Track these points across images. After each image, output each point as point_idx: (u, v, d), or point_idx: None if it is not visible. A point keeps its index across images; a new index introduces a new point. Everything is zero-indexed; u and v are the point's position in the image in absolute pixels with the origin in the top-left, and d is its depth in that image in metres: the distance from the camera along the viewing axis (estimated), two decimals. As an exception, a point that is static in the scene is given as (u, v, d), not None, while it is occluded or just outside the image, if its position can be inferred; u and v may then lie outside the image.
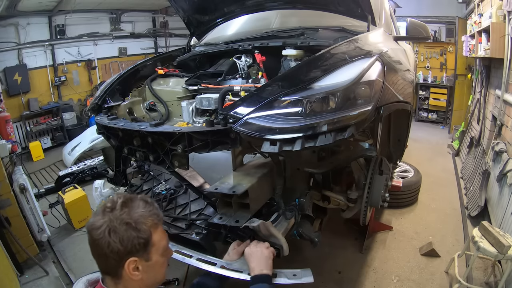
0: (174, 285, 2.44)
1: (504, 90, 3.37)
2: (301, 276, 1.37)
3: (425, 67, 7.28)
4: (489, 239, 2.09)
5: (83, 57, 7.05)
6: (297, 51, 2.06)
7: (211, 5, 2.69)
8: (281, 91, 1.40)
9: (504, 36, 3.36)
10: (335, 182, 1.90)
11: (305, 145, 1.28)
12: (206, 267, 1.43)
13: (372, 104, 1.39)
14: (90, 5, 6.73)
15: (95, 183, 2.46)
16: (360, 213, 1.88)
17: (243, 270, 1.35)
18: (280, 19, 2.89)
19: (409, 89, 1.99)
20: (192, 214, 1.84)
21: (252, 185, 1.51)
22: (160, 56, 2.80)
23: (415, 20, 2.43)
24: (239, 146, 1.49)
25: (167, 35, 8.67)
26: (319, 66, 1.51)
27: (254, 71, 2.12)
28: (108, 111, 2.16)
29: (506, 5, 3.24)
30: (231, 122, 1.40)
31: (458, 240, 2.96)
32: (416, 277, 2.50)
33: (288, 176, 1.72)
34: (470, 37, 5.02)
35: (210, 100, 2.01)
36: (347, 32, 2.19)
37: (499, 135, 3.46)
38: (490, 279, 2.39)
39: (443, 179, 4.29)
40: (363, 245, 2.81)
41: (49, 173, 5.12)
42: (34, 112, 6.12)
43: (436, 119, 7.24)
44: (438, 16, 6.79)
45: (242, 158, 1.77)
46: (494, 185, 3.10)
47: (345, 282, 2.46)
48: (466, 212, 3.40)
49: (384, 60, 1.64)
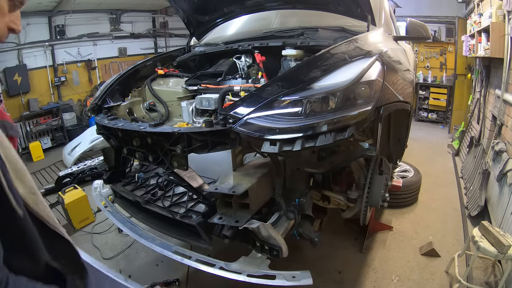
0: (175, 286, 2.43)
1: (504, 89, 3.37)
2: (300, 278, 1.37)
3: (425, 67, 7.28)
4: (489, 239, 2.09)
5: (83, 58, 7.05)
6: (297, 51, 2.05)
7: (211, 5, 2.68)
8: (281, 91, 1.40)
9: (503, 35, 3.36)
10: (335, 182, 1.90)
11: (305, 145, 1.28)
12: (205, 268, 1.43)
13: (372, 104, 1.39)
14: (90, 5, 6.73)
15: (94, 183, 2.46)
16: (360, 213, 1.88)
17: (242, 271, 1.35)
18: (280, 19, 2.89)
19: (409, 89, 1.99)
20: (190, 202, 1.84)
21: (252, 185, 1.51)
22: (160, 56, 2.80)
23: (415, 20, 2.43)
24: (238, 146, 1.49)
25: (167, 35, 8.67)
26: (319, 66, 1.51)
27: (254, 71, 2.12)
28: (108, 111, 2.15)
29: (506, 5, 3.24)
30: (231, 122, 1.40)
31: (458, 240, 2.96)
32: (416, 277, 2.50)
33: (288, 176, 1.72)
34: (470, 37, 5.02)
35: (210, 100, 2.01)
36: (347, 32, 2.19)
37: (499, 135, 3.45)
38: (490, 278, 2.38)
39: (443, 179, 4.29)
40: (363, 245, 2.81)
41: (49, 174, 5.12)
42: (34, 113, 6.11)
43: (436, 119, 7.24)
44: (438, 16, 6.78)
45: (242, 158, 1.77)
46: (494, 185, 3.10)
47: (345, 282, 2.46)
48: (466, 212, 3.39)
49: (384, 60, 1.64)
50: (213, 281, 2.30)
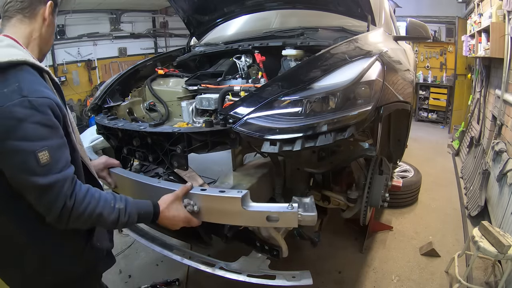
0: (175, 286, 2.43)
1: (504, 89, 3.37)
2: (300, 278, 1.37)
3: (425, 67, 7.28)
4: (489, 239, 2.09)
5: (83, 57, 7.05)
6: (297, 51, 2.05)
7: (211, 5, 2.68)
8: (281, 91, 1.40)
9: (504, 36, 3.36)
10: (335, 182, 1.90)
11: (305, 145, 1.28)
12: (205, 267, 1.43)
13: (372, 104, 1.39)
14: (90, 5, 6.73)
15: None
16: (360, 213, 1.88)
17: (242, 271, 1.35)
18: (280, 19, 2.89)
19: (409, 89, 1.99)
20: None
21: (252, 185, 1.51)
22: (160, 56, 2.80)
23: (415, 20, 2.43)
24: (238, 146, 1.49)
25: (167, 35, 8.66)
26: (319, 66, 1.51)
27: (254, 71, 2.12)
28: (108, 111, 2.15)
29: (506, 5, 3.24)
30: (231, 122, 1.40)
31: (458, 240, 2.96)
32: (416, 277, 2.50)
33: (288, 176, 1.72)
34: (470, 37, 5.02)
35: (210, 100, 2.01)
36: (347, 32, 2.19)
37: (499, 135, 3.46)
38: (490, 279, 2.39)
39: (443, 179, 4.29)
40: (363, 245, 2.81)
41: (49, 174, 5.12)
42: (34, 112, 6.11)
43: (436, 119, 7.24)
44: (438, 16, 6.78)
45: (242, 158, 1.77)
46: (494, 185, 3.10)
47: (345, 282, 2.46)
48: (466, 212, 3.40)
49: (384, 60, 1.64)
50: (213, 281, 2.30)
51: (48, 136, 0.88)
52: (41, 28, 1.04)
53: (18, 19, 1.00)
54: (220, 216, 1.27)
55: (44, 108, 0.87)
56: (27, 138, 0.85)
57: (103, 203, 0.98)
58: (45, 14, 1.04)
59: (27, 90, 0.86)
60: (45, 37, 1.07)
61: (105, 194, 1.02)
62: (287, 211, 1.22)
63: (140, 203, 1.12)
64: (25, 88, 0.86)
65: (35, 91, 0.87)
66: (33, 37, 1.03)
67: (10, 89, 0.84)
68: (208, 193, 1.28)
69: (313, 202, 1.31)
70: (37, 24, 1.03)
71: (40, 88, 0.90)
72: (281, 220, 1.22)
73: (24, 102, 0.84)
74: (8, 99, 0.83)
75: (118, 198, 1.05)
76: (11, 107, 0.83)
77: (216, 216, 1.28)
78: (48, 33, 1.08)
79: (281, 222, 1.24)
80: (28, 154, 0.85)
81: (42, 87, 0.90)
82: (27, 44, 1.02)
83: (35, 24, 1.03)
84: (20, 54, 0.91)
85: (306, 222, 1.26)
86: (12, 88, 0.85)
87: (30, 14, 1.01)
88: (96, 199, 0.97)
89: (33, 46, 1.04)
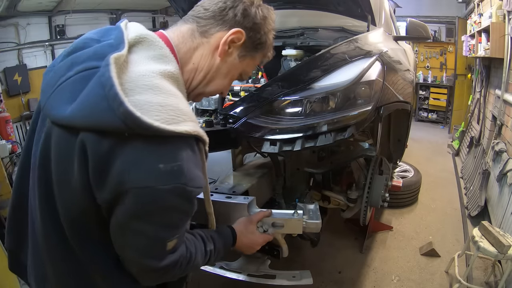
0: (174, 285, 2.43)
1: (504, 90, 3.37)
2: (300, 277, 1.37)
3: (425, 67, 7.28)
4: (489, 239, 2.09)
5: (83, 57, 7.05)
6: (297, 51, 2.05)
7: (211, 5, 2.68)
8: (281, 91, 1.40)
9: (504, 36, 3.36)
10: (335, 182, 1.90)
11: (305, 145, 1.28)
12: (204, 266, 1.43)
13: (372, 104, 1.39)
14: (90, 5, 6.72)
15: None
16: (360, 213, 1.88)
17: (242, 271, 1.35)
18: (279, 19, 2.88)
19: (409, 89, 1.99)
20: None
21: (252, 185, 1.51)
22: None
23: (415, 20, 2.43)
24: (238, 147, 1.49)
25: (167, 35, 8.66)
26: (319, 66, 1.51)
27: (254, 71, 2.12)
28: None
29: (506, 5, 3.24)
30: (231, 122, 1.40)
31: (458, 240, 2.96)
32: (416, 277, 2.50)
33: (288, 176, 1.72)
34: (470, 37, 5.02)
35: (210, 100, 2.01)
36: (347, 32, 2.19)
37: (499, 135, 3.46)
38: (490, 279, 2.39)
39: (443, 179, 4.29)
40: (363, 245, 2.81)
41: (49, 173, 5.11)
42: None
43: (436, 119, 7.24)
44: (438, 16, 6.78)
45: (242, 158, 1.77)
46: (494, 185, 3.10)
47: (345, 282, 2.46)
48: (466, 212, 3.40)
49: (384, 60, 1.64)
50: (213, 281, 2.30)
51: (184, 224, 0.77)
52: (208, 57, 0.85)
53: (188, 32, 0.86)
54: (226, 221, 1.26)
55: (194, 200, 0.73)
56: (165, 226, 0.71)
57: (200, 255, 0.87)
58: (223, 42, 0.83)
59: (188, 177, 0.67)
60: (211, 76, 0.87)
61: (197, 241, 0.89)
62: (292, 218, 1.23)
63: (222, 234, 1.02)
64: (186, 173, 0.67)
65: (194, 179, 0.69)
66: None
67: (167, 168, 0.64)
68: (215, 198, 1.28)
69: (317, 209, 1.33)
70: (205, 52, 0.85)
71: (199, 174, 0.73)
72: (286, 226, 1.23)
73: (179, 190, 0.66)
74: (162, 180, 0.64)
75: (206, 238, 0.93)
76: (164, 192, 0.65)
77: (222, 222, 1.28)
78: (218, 73, 0.87)
79: (286, 228, 1.25)
80: (158, 240, 0.71)
81: (199, 170, 0.73)
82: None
83: (203, 50, 0.85)
84: (191, 123, 0.71)
85: (310, 229, 1.28)
86: (170, 167, 0.65)
87: (203, 32, 0.85)
88: (193, 255, 0.84)
89: None
